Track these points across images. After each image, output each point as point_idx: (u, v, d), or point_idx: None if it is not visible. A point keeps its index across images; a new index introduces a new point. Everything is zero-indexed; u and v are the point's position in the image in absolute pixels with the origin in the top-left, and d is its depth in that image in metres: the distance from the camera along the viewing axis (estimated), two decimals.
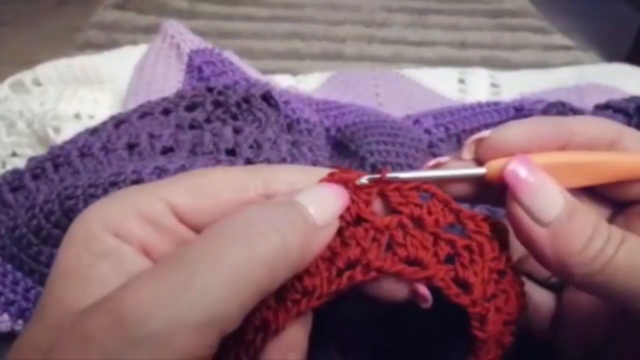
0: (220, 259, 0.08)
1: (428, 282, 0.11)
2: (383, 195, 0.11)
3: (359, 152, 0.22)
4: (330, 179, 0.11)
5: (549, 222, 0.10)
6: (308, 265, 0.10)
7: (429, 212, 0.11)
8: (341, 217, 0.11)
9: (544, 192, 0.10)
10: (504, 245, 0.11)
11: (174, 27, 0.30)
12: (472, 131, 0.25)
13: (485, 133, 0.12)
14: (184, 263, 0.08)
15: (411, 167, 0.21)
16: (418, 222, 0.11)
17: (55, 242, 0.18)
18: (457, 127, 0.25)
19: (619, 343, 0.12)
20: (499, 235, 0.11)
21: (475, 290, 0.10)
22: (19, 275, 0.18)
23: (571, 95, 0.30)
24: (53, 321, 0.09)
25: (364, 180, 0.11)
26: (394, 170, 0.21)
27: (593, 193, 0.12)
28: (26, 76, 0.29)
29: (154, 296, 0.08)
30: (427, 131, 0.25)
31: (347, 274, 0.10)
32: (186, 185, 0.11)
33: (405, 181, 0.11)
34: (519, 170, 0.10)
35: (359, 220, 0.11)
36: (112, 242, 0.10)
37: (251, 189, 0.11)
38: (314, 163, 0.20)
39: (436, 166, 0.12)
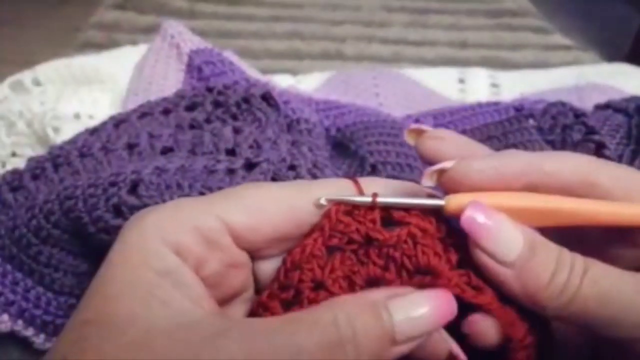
0: (302, 348, 0.09)
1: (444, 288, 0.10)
2: (387, 215, 0.11)
3: (359, 152, 0.22)
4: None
5: (512, 262, 0.10)
6: (331, 288, 0.10)
7: (430, 222, 0.11)
8: (351, 238, 0.11)
9: (502, 234, 0.10)
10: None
11: (174, 27, 0.30)
12: (472, 131, 0.25)
13: (447, 164, 0.11)
14: (266, 344, 0.09)
15: (411, 167, 0.21)
16: (424, 231, 0.11)
17: (55, 243, 0.18)
18: (457, 127, 0.25)
19: (607, 351, 0.12)
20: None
21: (487, 291, 0.11)
22: (18, 275, 0.18)
23: (571, 95, 0.30)
24: (138, 337, 0.09)
25: (323, 201, 0.11)
26: (393, 170, 0.21)
27: None
28: (26, 76, 0.29)
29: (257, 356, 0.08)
30: None
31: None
32: (241, 204, 0.10)
33: (364, 205, 0.11)
34: (476, 216, 0.11)
35: (369, 239, 0.11)
36: (172, 259, 0.10)
37: (302, 207, 0.11)
38: (314, 163, 0.20)
39: (417, 131, 0.12)
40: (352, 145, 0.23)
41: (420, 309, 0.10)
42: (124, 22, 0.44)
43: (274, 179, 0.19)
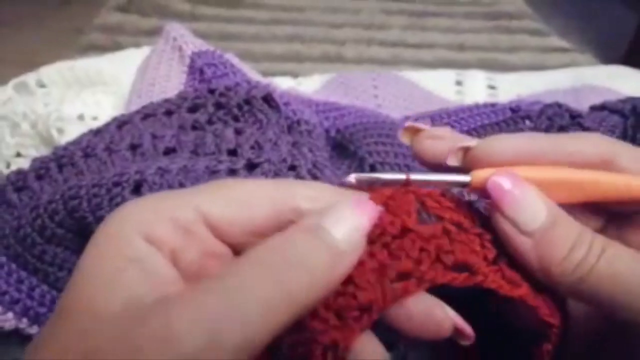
0: (257, 291, 0.09)
1: (479, 286, 0.10)
2: (420, 203, 0.11)
3: (358, 153, 0.23)
4: (370, 192, 0.11)
5: (532, 232, 0.10)
6: (358, 281, 0.10)
7: (465, 216, 0.11)
8: (386, 230, 0.11)
9: (526, 202, 0.11)
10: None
11: (176, 29, 0.30)
12: (470, 132, 0.25)
13: (472, 142, 0.12)
14: (224, 290, 0.09)
15: (409, 168, 0.22)
16: (458, 226, 0.11)
17: (59, 242, 0.18)
18: (455, 128, 0.25)
19: (614, 341, 0.12)
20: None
21: (523, 284, 0.10)
22: (23, 274, 0.18)
23: (568, 96, 0.31)
24: (81, 326, 0.09)
25: (351, 179, 0.11)
26: (392, 170, 0.22)
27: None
28: (30, 78, 0.29)
29: (198, 319, 0.08)
30: None
31: (400, 285, 0.10)
32: (221, 196, 0.10)
33: (387, 182, 0.11)
34: (502, 182, 0.11)
35: (404, 231, 0.11)
36: (144, 247, 0.10)
37: (280, 202, 0.11)
38: (314, 164, 0.20)
39: (413, 129, 0.12)
40: (351, 146, 0.23)
41: (348, 215, 0.10)
42: (126, 25, 0.44)
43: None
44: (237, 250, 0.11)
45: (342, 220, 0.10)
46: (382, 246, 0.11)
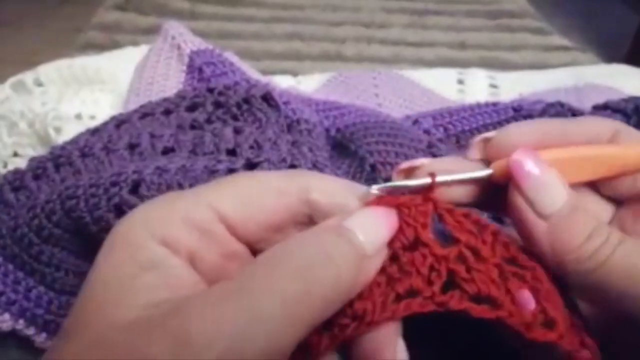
0: (280, 292, 0.08)
1: (501, 321, 0.09)
2: (438, 216, 0.11)
3: (359, 153, 0.22)
4: (379, 201, 0.11)
5: (549, 215, 0.10)
6: (361, 290, 0.10)
7: (484, 242, 0.10)
8: (398, 240, 0.10)
9: (548, 184, 0.10)
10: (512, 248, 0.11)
11: (175, 28, 0.30)
12: (471, 131, 0.25)
13: (490, 133, 0.12)
14: (245, 291, 0.08)
15: None
16: (475, 252, 0.10)
17: (57, 242, 0.18)
18: (456, 127, 0.25)
19: (618, 341, 0.12)
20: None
21: (559, 324, 0.10)
22: (20, 274, 0.18)
23: (570, 95, 0.31)
24: (96, 336, 0.08)
25: (374, 190, 0.11)
26: (392, 170, 0.21)
27: (597, 194, 0.12)
28: (27, 76, 0.29)
29: (219, 322, 0.08)
30: (427, 131, 0.25)
31: (404, 302, 0.10)
32: (232, 192, 0.10)
33: (407, 188, 0.11)
34: (524, 160, 0.10)
35: (416, 243, 0.10)
36: (160, 251, 0.09)
37: (293, 193, 0.10)
38: (314, 163, 0.20)
39: (408, 171, 0.12)
40: (351, 145, 0.23)
41: (372, 219, 0.10)
42: (125, 23, 0.44)
43: None
44: (255, 249, 0.11)
45: (368, 225, 0.10)
46: (392, 259, 0.10)
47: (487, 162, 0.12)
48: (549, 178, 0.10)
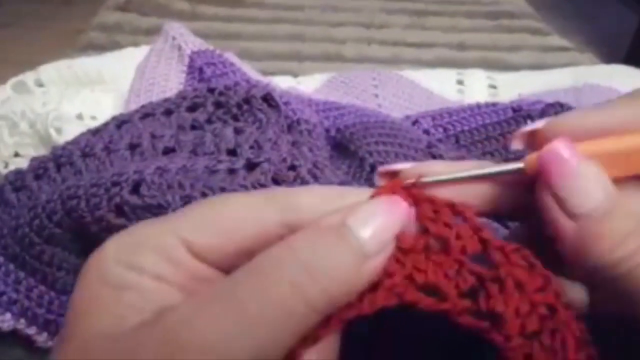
0: (268, 299, 0.08)
1: (446, 315, 0.09)
2: (415, 206, 0.10)
3: (359, 153, 0.22)
4: (383, 190, 0.10)
5: (579, 215, 0.09)
6: None
7: (457, 237, 0.10)
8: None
9: (583, 180, 0.09)
10: (548, 279, 0.09)
11: (175, 28, 0.30)
12: (471, 132, 0.25)
13: (538, 124, 0.10)
14: (235, 299, 0.08)
15: None
16: (444, 244, 0.10)
17: (58, 242, 0.18)
18: (456, 127, 0.25)
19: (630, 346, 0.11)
20: (541, 269, 0.09)
21: (508, 323, 0.09)
22: (21, 274, 0.18)
23: (569, 96, 0.31)
24: (77, 345, 0.09)
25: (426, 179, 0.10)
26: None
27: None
28: (28, 77, 0.29)
29: (211, 330, 0.08)
30: (426, 132, 0.25)
31: (368, 298, 0.09)
32: (202, 221, 0.10)
33: (437, 182, 0.10)
34: (562, 152, 0.09)
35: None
36: (128, 275, 0.09)
37: (269, 219, 0.10)
38: (314, 163, 0.20)
39: (390, 175, 0.11)
40: (351, 145, 0.23)
41: (378, 213, 0.09)
42: (125, 24, 0.44)
43: (274, 179, 0.19)
44: (228, 271, 0.10)
45: (370, 219, 0.09)
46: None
47: (486, 163, 0.11)
48: (585, 173, 0.09)
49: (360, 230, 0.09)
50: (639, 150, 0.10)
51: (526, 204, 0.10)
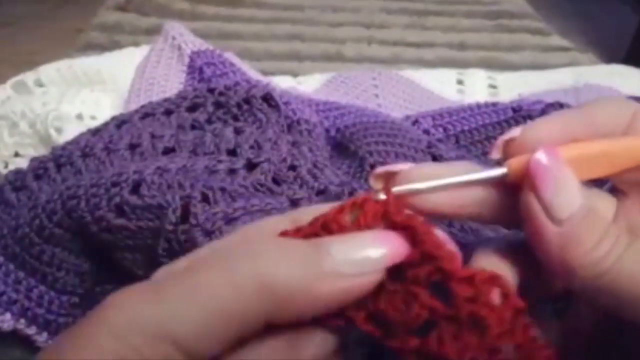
0: (201, 303, 0.08)
1: (395, 351, 0.09)
2: (386, 217, 0.09)
3: (359, 153, 0.22)
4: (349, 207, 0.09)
5: (562, 220, 0.09)
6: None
7: (418, 264, 0.09)
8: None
9: (565, 187, 0.10)
10: (519, 313, 0.09)
11: (175, 28, 0.30)
12: (471, 131, 0.25)
13: (515, 132, 0.11)
14: (164, 292, 0.08)
15: None
16: (399, 272, 0.09)
17: (58, 242, 0.18)
18: (456, 127, 0.25)
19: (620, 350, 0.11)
20: (515, 301, 0.09)
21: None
22: (21, 274, 0.18)
23: (569, 95, 0.31)
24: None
25: (381, 196, 0.10)
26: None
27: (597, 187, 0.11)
28: (28, 77, 0.29)
29: (134, 316, 0.08)
30: (426, 132, 0.25)
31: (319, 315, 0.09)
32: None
33: (416, 192, 0.10)
34: (547, 161, 0.10)
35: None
36: (123, 349, 0.09)
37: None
38: (314, 163, 0.20)
39: (386, 176, 0.11)
40: (351, 145, 0.23)
41: (366, 250, 0.09)
42: (125, 24, 0.44)
43: (274, 179, 0.19)
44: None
45: (351, 242, 0.09)
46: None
47: (473, 166, 0.11)
48: (567, 180, 0.10)
49: (329, 246, 0.09)
50: (604, 155, 0.10)
51: (514, 210, 0.10)
